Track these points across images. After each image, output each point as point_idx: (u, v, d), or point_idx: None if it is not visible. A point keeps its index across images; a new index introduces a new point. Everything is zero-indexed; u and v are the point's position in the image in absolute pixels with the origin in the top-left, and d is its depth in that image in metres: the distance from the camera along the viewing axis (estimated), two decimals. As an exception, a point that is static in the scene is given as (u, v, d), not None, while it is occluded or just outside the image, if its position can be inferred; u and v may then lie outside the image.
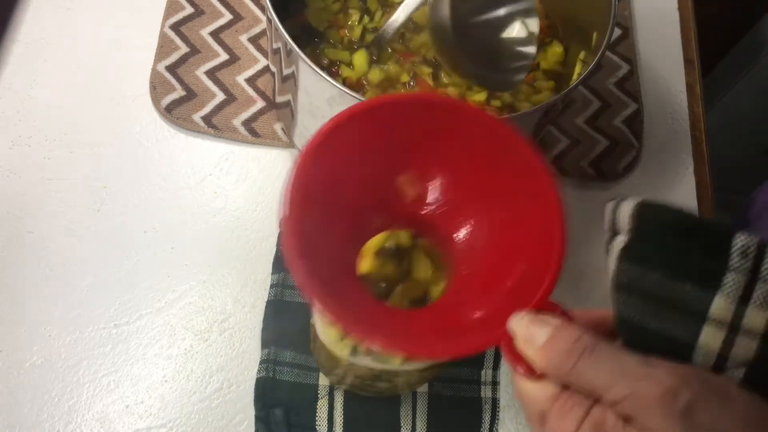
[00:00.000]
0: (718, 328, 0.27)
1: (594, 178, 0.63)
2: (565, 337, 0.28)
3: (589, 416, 0.27)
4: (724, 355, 0.27)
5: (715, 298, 0.27)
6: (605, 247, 0.30)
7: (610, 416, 0.26)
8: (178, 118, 0.59)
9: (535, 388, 0.29)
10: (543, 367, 0.28)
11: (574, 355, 0.27)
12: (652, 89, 0.69)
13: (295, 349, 0.51)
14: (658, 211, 0.28)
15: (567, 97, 0.45)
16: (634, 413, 0.25)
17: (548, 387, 0.28)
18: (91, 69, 0.62)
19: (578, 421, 0.27)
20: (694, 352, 0.27)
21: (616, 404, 0.26)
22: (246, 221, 0.57)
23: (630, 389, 0.25)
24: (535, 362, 0.29)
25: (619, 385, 0.26)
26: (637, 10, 0.73)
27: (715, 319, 0.27)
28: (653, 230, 0.28)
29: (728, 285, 0.26)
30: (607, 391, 0.26)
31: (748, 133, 1.08)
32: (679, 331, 0.27)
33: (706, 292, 0.27)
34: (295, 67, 0.47)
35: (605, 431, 0.26)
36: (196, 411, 0.50)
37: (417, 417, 0.51)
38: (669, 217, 0.27)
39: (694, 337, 0.27)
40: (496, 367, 0.53)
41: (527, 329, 0.29)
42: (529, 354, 0.29)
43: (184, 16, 0.64)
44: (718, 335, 0.27)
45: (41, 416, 0.48)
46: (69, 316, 0.51)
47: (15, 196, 0.55)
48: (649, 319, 0.28)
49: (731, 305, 0.26)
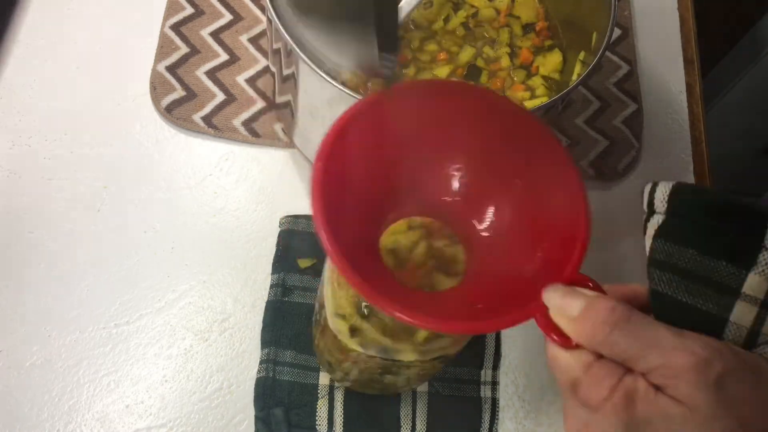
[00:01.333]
0: (751, 304, 0.27)
1: (594, 178, 0.63)
2: (600, 307, 0.28)
3: (621, 384, 0.27)
4: (755, 330, 0.27)
5: (749, 275, 0.27)
6: (642, 227, 0.31)
7: (642, 385, 0.27)
8: (178, 119, 0.59)
9: (569, 357, 0.29)
10: (577, 336, 0.29)
11: (609, 325, 0.27)
12: (651, 89, 0.69)
13: (295, 349, 0.51)
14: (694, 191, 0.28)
15: (567, 97, 0.45)
16: (665, 382, 0.26)
17: (581, 356, 0.29)
18: (91, 69, 0.62)
19: (610, 388, 0.27)
20: (726, 327, 0.28)
21: (649, 373, 0.26)
22: (246, 221, 0.57)
23: (662, 359, 0.26)
24: (569, 332, 0.29)
25: (651, 355, 0.26)
26: (637, 10, 0.73)
27: (748, 295, 0.27)
28: (689, 209, 0.28)
29: (762, 263, 0.27)
30: (639, 361, 0.27)
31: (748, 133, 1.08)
32: (712, 306, 0.28)
33: (740, 270, 0.27)
34: (295, 67, 0.47)
35: (637, 399, 0.27)
36: (196, 411, 0.50)
37: (417, 417, 0.51)
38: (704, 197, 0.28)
39: (727, 312, 0.28)
40: (496, 367, 0.53)
41: (562, 300, 0.29)
42: (564, 325, 0.29)
43: (185, 16, 0.65)
44: (750, 311, 0.27)
45: (41, 416, 0.48)
46: (69, 316, 0.51)
47: (15, 196, 0.55)
48: (682, 293, 0.28)
49: (765, 283, 0.27)
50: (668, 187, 0.29)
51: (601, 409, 0.27)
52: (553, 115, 0.56)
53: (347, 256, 0.30)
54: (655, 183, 0.30)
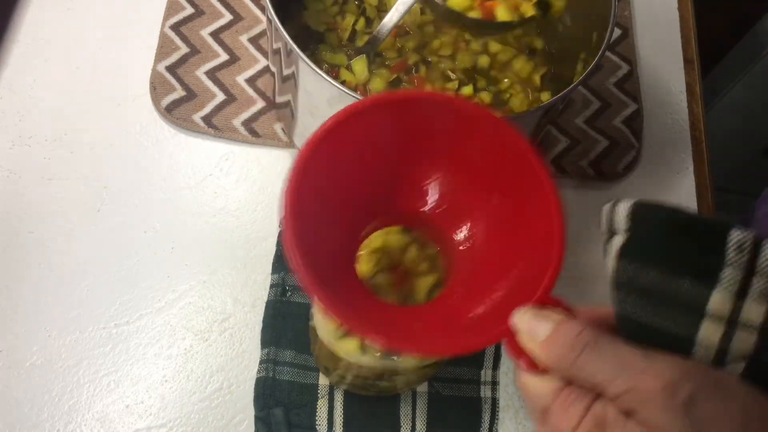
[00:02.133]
0: (717, 323, 0.27)
1: (594, 178, 0.63)
2: (567, 331, 0.28)
3: (590, 411, 0.27)
4: (723, 348, 0.27)
5: (713, 293, 0.27)
6: (603, 248, 0.30)
7: (612, 411, 0.26)
8: (178, 119, 0.59)
9: (538, 382, 0.29)
10: (545, 360, 0.28)
11: (576, 349, 0.27)
12: (651, 89, 0.69)
13: (295, 349, 0.51)
14: (654, 209, 0.28)
15: (567, 97, 0.45)
16: (635, 407, 0.26)
17: (551, 382, 0.29)
18: (91, 69, 0.62)
19: (579, 416, 0.27)
20: (694, 347, 0.27)
21: (618, 398, 0.26)
22: (246, 221, 0.57)
23: (631, 383, 0.26)
24: (537, 356, 0.29)
25: (620, 379, 0.26)
26: (637, 10, 0.73)
27: (713, 314, 0.27)
28: (649, 229, 0.28)
29: (725, 280, 0.27)
30: (608, 385, 0.26)
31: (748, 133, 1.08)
32: (679, 326, 0.27)
33: (703, 288, 0.27)
34: (295, 67, 0.47)
35: (607, 426, 0.26)
36: (196, 411, 0.50)
37: (417, 417, 0.51)
38: (664, 215, 0.28)
39: (694, 332, 0.27)
40: (496, 367, 0.53)
41: (529, 323, 0.29)
42: (532, 348, 0.29)
43: (185, 16, 0.65)
44: (717, 330, 0.27)
45: (41, 416, 0.48)
46: (69, 316, 0.51)
47: (15, 196, 0.55)
48: (648, 315, 0.28)
49: (729, 300, 0.27)
50: (628, 207, 0.28)
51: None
52: (553, 115, 0.56)
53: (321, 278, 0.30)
54: (614, 202, 0.29)
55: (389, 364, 0.40)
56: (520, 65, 0.59)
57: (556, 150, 0.63)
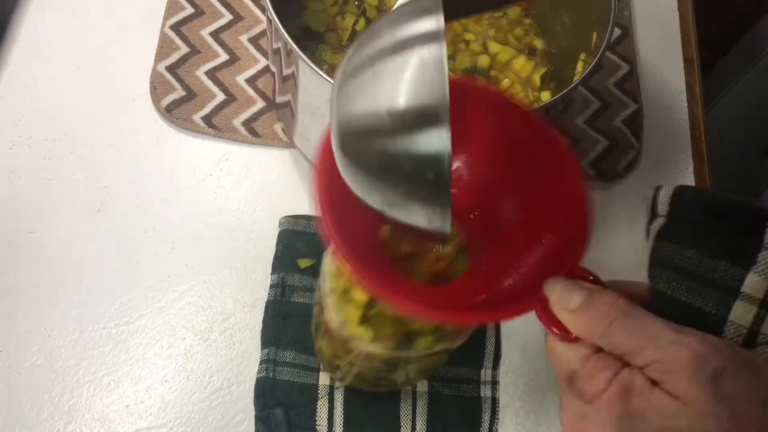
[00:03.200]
0: (750, 304, 0.27)
1: (594, 178, 0.63)
2: (600, 301, 0.28)
3: (617, 377, 0.27)
4: (754, 330, 0.27)
5: (749, 275, 0.27)
6: (645, 231, 0.31)
7: (639, 378, 0.27)
8: (178, 119, 0.59)
9: (567, 349, 0.29)
10: (576, 329, 0.29)
11: (608, 318, 0.28)
12: (652, 89, 0.69)
13: (295, 349, 0.51)
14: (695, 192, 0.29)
15: (567, 97, 0.45)
16: (662, 377, 0.26)
17: (580, 349, 0.29)
18: (91, 69, 0.62)
19: (607, 381, 0.27)
20: (725, 326, 0.28)
21: (646, 367, 0.26)
22: (246, 221, 0.57)
23: (659, 353, 0.26)
24: (568, 324, 0.29)
25: (649, 349, 0.26)
26: (637, 10, 0.73)
27: (747, 295, 0.27)
28: (690, 211, 0.29)
29: (762, 263, 0.27)
30: (637, 354, 0.27)
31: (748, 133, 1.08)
32: (711, 304, 0.28)
33: (739, 269, 0.27)
34: (295, 67, 0.47)
35: (633, 393, 0.27)
36: (196, 411, 0.50)
37: (417, 416, 0.51)
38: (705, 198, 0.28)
39: (726, 311, 0.28)
40: (496, 366, 0.53)
41: (562, 292, 0.30)
42: (563, 317, 0.29)
43: (185, 16, 0.65)
44: (749, 310, 0.27)
45: (41, 416, 0.48)
46: (69, 316, 0.51)
47: (15, 196, 0.55)
48: (682, 293, 0.28)
49: (764, 282, 0.27)
50: (670, 191, 0.29)
51: (596, 401, 0.27)
52: (553, 115, 0.56)
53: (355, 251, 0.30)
54: (657, 187, 0.30)
55: (399, 354, 0.40)
56: (520, 65, 0.59)
57: (556, 150, 0.63)
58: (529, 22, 0.61)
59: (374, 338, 0.38)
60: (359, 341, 0.39)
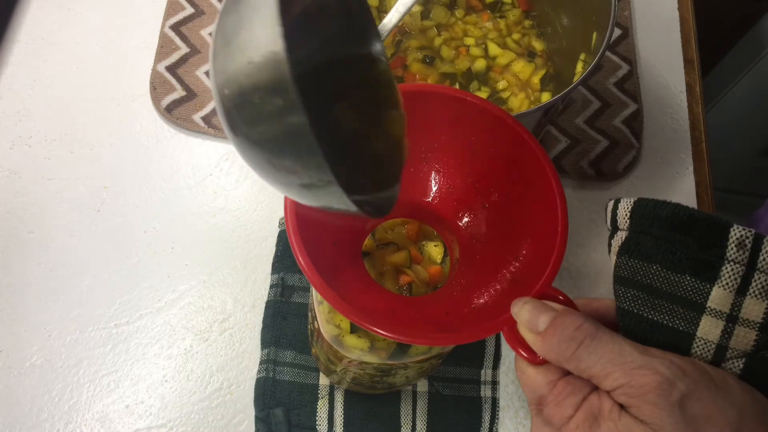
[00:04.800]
0: (717, 319, 0.27)
1: (594, 178, 0.63)
2: (567, 323, 0.28)
3: (585, 402, 0.27)
4: (723, 345, 0.27)
5: (713, 289, 0.27)
6: (607, 244, 0.30)
7: (607, 404, 0.27)
8: (178, 118, 0.59)
9: (535, 373, 0.29)
10: (543, 351, 0.28)
11: (575, 341, 0.27)
12: (652, 89, 0.69)
13: (295, 349, 0.51)
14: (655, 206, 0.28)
15: (567, 97, 0.45)
16: (629, 401, 0.26)
17: (548, 373, 0.29)
18: (91, 69, 0.62)
19: (574, 407, 0.27)
20: (693, 343, 0.27)
21: (613, 391, 0.26)
22: (246, 221, 0.57)
23: (627, 378, 0.26)
24: (536, 347, 0.29)
25: (616, 373, 0.26)
26: (637, 10, 0.73)
27: (713, 310, 0.27)
28: (650, 225, 0.28)
29: (726, 276, 0.27)
30: (604, 379, 0.26)
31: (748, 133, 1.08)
32: (678, 321, 0.27)
33: (704, 284, 0.27)
34: (295, 67, 0.47)
35: (601, 418, 0.26)
36: (196, 411, 0.50)
37: (417, 416, 0.51)
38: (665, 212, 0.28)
39: (693, 327, 0.27)
40: (496, 366, 0.53)
41: (530, 314, 0.29)
42: (530, 339, 0.29)
43: (185, 16, 0.65)
44: (716, 326, 0.27)
45: (41, 416, 0.48)
46: (69, 316, 0.51)
47: (15, 196, 0.55)
48: (648, 310, 0.28)
49: (729, 296, 0.27)
50: (629, 203, 0.29)
51: (564, 428, 0.27)
52: (553, 115, 0.56)
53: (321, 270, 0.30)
54: (617, 200, 0.30)
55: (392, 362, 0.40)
56: (520, 68, 0.59)
57: (556, 150, 0.63)
58: (529, 23, 0.61)
59: (370, 348, 0.38)
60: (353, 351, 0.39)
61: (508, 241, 0.35)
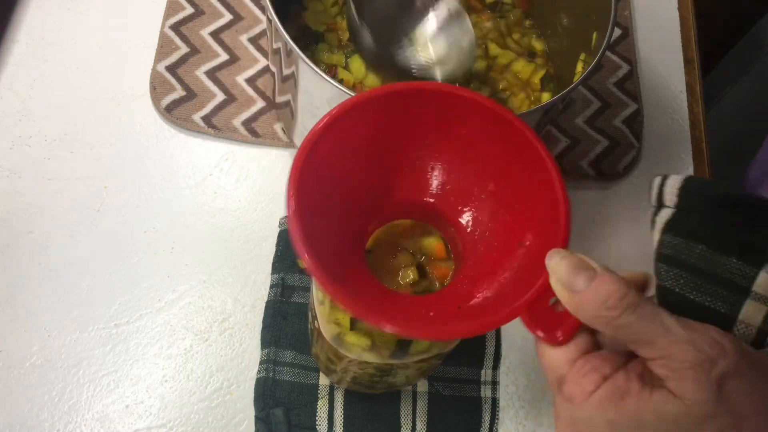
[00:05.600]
0: (761, 303, 0.27)
1: (594, 178, 0.63)
2: (610, 289, 0.27)
3: (610, 380, 0.27)
4: (764, 329, 0.27)
5: (760, 273, 0.26)
6: (650, 221, 0.30)
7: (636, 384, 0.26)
8: (178, 118, 0.59)
9: (555, 353, 0.29)
10: (577, 311, 0.28)
11: (618, 309, 0.26)
12: (652, 89, 0.69)
13: (295, 349, 0.51)
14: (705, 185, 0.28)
15: (567, 97, 0.45)
16: (668, 374, 0.26)
17: (567, 352, 0.29)
18: (91, 69, 0.62)
19: (595, 383, 0.27)
20: (734, 326, 0.27)
21: (653, 361, 0.26)
22: (246, 221, 0.57)
23: (668, 350, 0.26)
24: (569, 305, 0.28)
25: (658, 344, 0.26)
26: (637, 10, 0.73)
27: (758, 294, 0.26)
28: (699, 204, 0.27)
29: None
30: (647, 345, 0.26)
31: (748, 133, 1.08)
32: (721, 304, 0.27)
33: (750, 267, 0.26)
34: (294, 67, 0.47)
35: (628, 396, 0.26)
36: (196, 411, 0.50)
37: (417, 417, 0.51)
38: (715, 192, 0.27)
39: (736, 310, 0.27)
40: (496, 367, 0.53)
41: (567, 272, 0.28)
42: (564, 297, 0.28)
43: (184, 16, 0.65)
44: (760, 310, 0.27)
45: (41, 416, 0.48)
46: (69, 316, 0.51)
47: (15, 196, 0.55)
48: (690, 290, 0.28)
49: None
50: (678, 181, 0.28)
51: (585, 404, 0.27)
52: (553, 115, 0.56)
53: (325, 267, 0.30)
54: (664, 176, 0.29)
55: (393, 361, 0.40)
56: (520, 68, 0.59)
57: (556, 150, 0.63)
58: (530, 23, 0.61)
59: (371, 347, 0.38)
60: (353, 349, 0.39)
61: (511, 229, 0.35)
